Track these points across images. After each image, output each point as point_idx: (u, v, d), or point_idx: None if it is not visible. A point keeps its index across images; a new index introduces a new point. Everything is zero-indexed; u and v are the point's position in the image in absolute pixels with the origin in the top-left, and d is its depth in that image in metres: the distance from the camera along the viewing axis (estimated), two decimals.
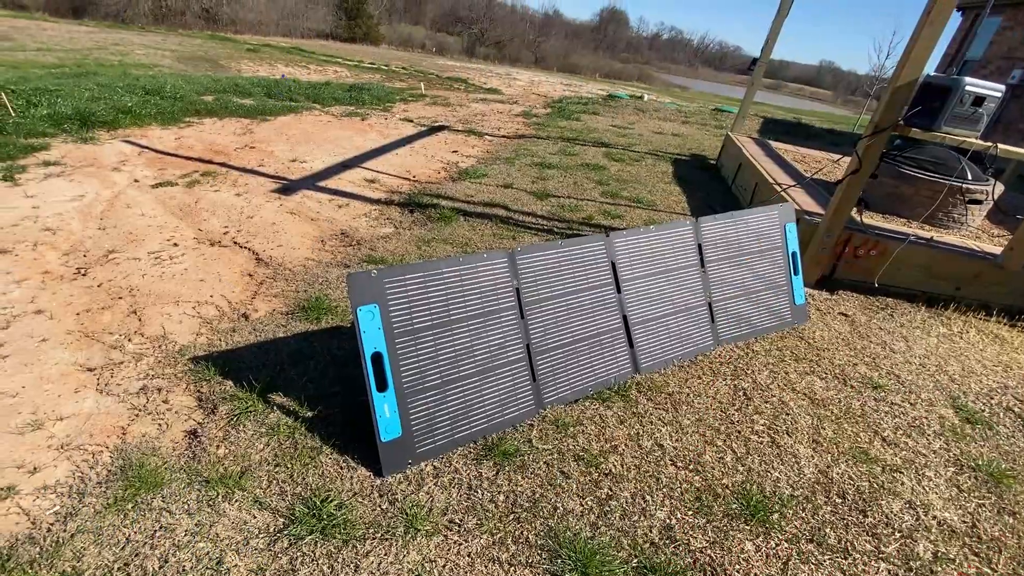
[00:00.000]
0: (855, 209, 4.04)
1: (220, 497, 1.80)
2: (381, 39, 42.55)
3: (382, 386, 1.97)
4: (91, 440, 2.03)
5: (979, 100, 3.20)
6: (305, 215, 4.49)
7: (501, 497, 1.91)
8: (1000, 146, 3.29)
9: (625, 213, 5.15)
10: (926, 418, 2.59)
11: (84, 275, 3.17)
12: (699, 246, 3.00)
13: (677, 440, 2.27)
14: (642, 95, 18.49)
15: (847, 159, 3.85)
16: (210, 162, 5.49)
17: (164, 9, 33.90)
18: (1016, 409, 2.75)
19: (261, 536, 1.69)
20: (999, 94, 3.23)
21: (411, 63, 33.59)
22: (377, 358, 1.96)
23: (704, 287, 2.99)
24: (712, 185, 6.61)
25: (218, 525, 1.71)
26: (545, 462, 2.08)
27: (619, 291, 2.71)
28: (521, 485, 1.97)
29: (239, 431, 2.09)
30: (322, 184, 5.28)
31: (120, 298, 2.98)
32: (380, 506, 1.83)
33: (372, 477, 1.95)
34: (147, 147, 5.72)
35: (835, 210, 3.74)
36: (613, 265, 2.71)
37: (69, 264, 3.27)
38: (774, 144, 7.10)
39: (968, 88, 3.16)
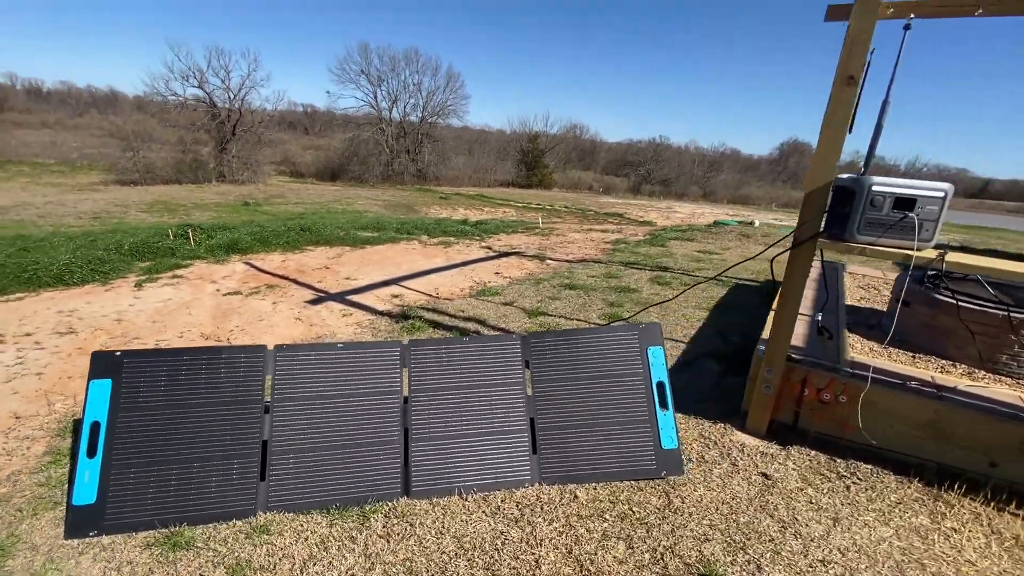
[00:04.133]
0: (823, 338, 3.19)
1: None
2: (553, 184, 47.84)
3: (92, 453, 2.23)
4: None
5: (905, 203, 2.43)
6: (308, 321, 5.23)
7: None
8: (949, 258, 2.38)
9: None
10: None
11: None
12: (526, 363, 2.73)
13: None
14: (753, 221, 17.21)
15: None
16: (284, 278, 6.84)
17: (390, 171, 43.73)
18: None
19: None
20: (938, 194, 2.41)
21: (575, 202, 36.82)
22: (96, 427, 2.26)
23: (527, 411, 2.65)
24: (760, 311, 5.71)
25: None
26: (200, 563, 2.01)
27: (406, 401, 2.59)
28: None
29: (32, 477, 2.52)
30: (350, 297, 6.11)
31: None
32: (33, 565, 2.00)
33: (59, 537, 2.14)
34: (254, 266, 7.41)
35: (771, 339, 3.02)
36: (407, 373, 2.64)
37: (102, 345, 4.39)
38: (854, 269, 5.93)
39: (876, 189, 2.45)
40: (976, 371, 3.22)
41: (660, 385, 2.71)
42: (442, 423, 2.58)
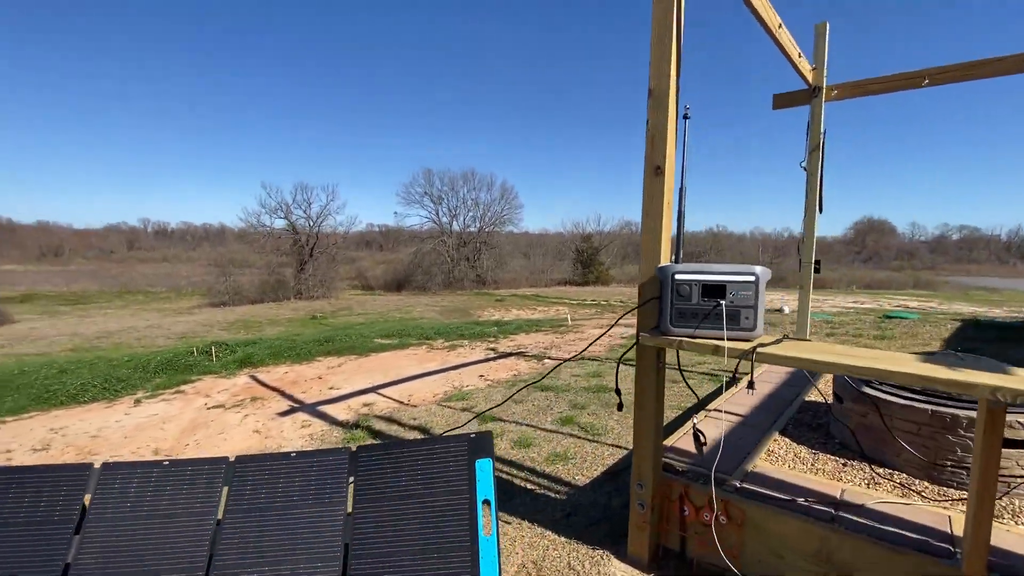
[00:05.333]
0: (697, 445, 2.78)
1: None
2: (611, 279, 47.92)
3: None
4: None
5: (714, 290, 2.17)
6: (265, 432, 5.34)
7: None
8: (762, 350, 2.04)
9: (542, 443, 4.44)
10: None
11: None
12: (351, 480, 2.57)
13: None
14: (781, 308, 16.04)
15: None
16: (275, 390, 7.13)
17: (451, 279, 46.03)
18: None
19: None
20: (749, 279, 2.13)
21: (632, 296, 36.33)
22: None
23: (343, 535, 2.45)
24: None
25: None
26: None
27: (219, 524, 2.50)
28: None
29: None
30: (320, 408, 6.21)
31: None
32: None
33: None
34: (257, 379, 7.82)
35: (635, 447, 2.67)
36: (226, 491, 2.57)
37: (65, 459, 4.70)
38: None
39: (679, 277, 2.22)
40: (916, 483, 2.62)
41: (486, 503, 2.44)
42: (252, 549, 2.44)
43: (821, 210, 5.66)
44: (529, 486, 3.67)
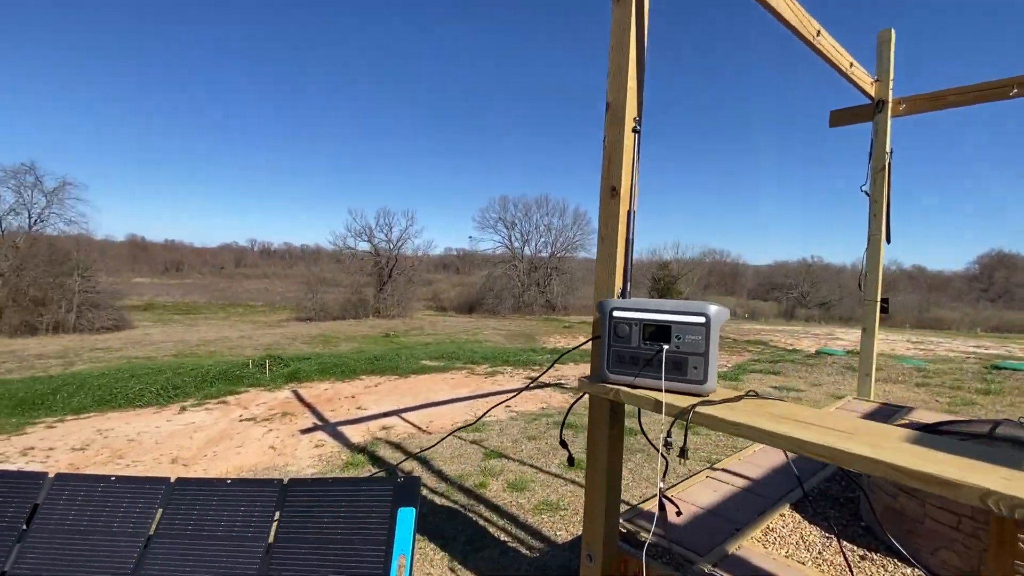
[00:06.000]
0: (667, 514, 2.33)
1: None
2: None
3: None
4: None
5: (658, 332, 1.77)
6: (279, 450, 5.43)
7: None
8: (701, 409, 1.60)
9: (538, 487, 4.07)
10: None
11: (88, 467, 4.82)
12: (277, 515, 2.42)
13: None
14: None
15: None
16: (309, 406, 7.31)
17: (520, 303, 46.17)
18: None
19: None
20: (698, 320, 1.71)
21: None
22: None
23: (260, 572, 2.29)
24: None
25: None
26: None
27: (148, 547, 2.44)
28: None
29: None
30: (341, 428, 6.24)
31: None
32: None
33: None
34: (297, 394, 8.09)
35: (586, 513, 2.29)
36: (160, 513, 2.52)
37: (97, 460, 5.03)
38: (923, 414, 4.35)
39: (618, 315, 1.84)
40: None
41: (401, 561, 2.17)
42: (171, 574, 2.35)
43: (889, 240, 4.91)
44: (504, 537, 3.34)
